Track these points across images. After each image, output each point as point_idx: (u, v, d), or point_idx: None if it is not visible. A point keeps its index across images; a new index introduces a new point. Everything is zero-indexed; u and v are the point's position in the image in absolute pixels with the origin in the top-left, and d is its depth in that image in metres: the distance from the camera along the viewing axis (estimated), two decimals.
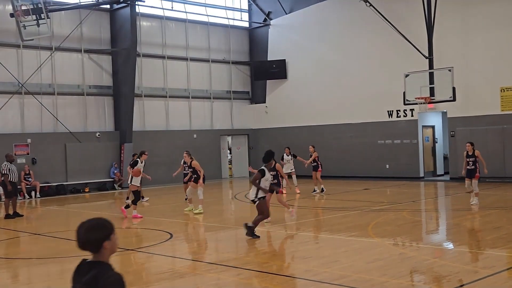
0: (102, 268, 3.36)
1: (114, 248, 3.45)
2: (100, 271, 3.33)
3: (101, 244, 3.39)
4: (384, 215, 15.35)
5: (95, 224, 3.43)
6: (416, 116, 25.85)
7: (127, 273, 9.63)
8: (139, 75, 28.24)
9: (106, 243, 3.40)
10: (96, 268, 3.35)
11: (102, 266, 3.37)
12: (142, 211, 16.62)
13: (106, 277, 3.31)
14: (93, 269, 3.34)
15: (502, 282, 8.02)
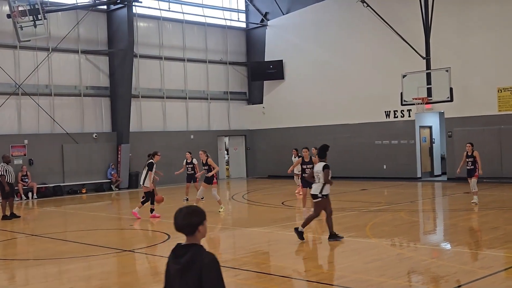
0: (197, 249, 3.68)
1: (205, 233, 3.79)
2: (196, 252, 3.65)
3: (197, 228, 3.73)
4: (381, 215, 15.35)
5: (193, 211, 3.78)
6: (413, 116, 25.87)
7: (124, 274, 9.62)
8: (136, 76, 28.20)
9: (200, 227, 3.74)
10: (191, 250, 3.67)
11: (196, 248, 3.70)
12: (141, 211, 16.56)
13: (202, 257, 3.63)
14: (189, 251, 3.67)
15: (499, 283, 8.02)
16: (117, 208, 21.51)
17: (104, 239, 13.23)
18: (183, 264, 3.63)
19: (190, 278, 3.60)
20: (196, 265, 3.60)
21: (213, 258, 3.63)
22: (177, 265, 3.67)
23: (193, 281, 3.59)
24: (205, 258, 3.63)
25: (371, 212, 15.99)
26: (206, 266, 3.59)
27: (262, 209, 18.11)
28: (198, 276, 3.57)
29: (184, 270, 3.62)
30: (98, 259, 10.72)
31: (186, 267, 3.61)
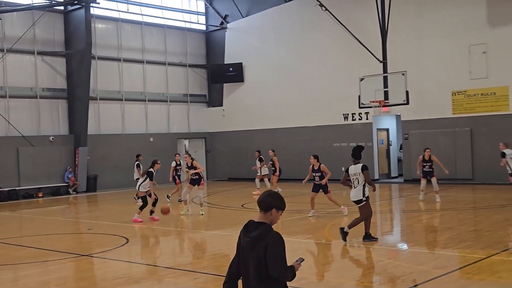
0: (266, 227, 4.29)
1: (275, 219, 4.41)
2: (265, 230, 4.27)
3: (271, 209, 4.35)
4: (340, 217, 15.53)
5: (277, 195, 4.43)
6: (371, 119, 26.28)
7: (82, 279, 9.49)
8: (94, 78, 27.85)
9: (274, 210, 4.35)
10: (261, 227, 4.29)
11: (266, 226, 4.31)
12: (110, 214, 16.36)
13: (269, 235, 4.25)
14: (259, 228, 4.29)
15: (453, 282, 8.23)
16: (74, 212, 21.19)
17: (61, 243, 13.03)
18: (252, 238, 4.26)
19: (257, 251, 4.22)
20: (263, 241, 4.21)
21: (278, 237, 4.26)
22: (247, 238, 4.32)
23: (260, 254, 4.20)
24: (272, 236, 4.25)
25: (330, 214, 16.17)
26: (271, 243, 4.21)
27: (222, 212, 18.12)
28: (264, 250, 4.18)
29: (252, 244, 4.25)
30: (55, 264, 10.56)
31: (254, 241, 4.25)
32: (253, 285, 4.27)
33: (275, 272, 4.21)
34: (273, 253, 4.19)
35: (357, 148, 11.53)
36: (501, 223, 13.26)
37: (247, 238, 4.29)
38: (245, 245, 4.31)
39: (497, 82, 22.66)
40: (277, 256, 4.20)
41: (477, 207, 17.11)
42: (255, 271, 4.24)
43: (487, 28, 22.95)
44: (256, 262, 4.23)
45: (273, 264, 4.19)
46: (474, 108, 23.33)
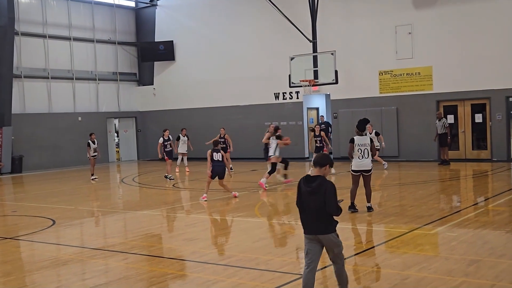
0: (322, 179, 5.96)
1: (327, 173, 6.07)
2: (322, 180, 5.94)
3: (325, 165, 6.04)
4: (270, 195, 15.73)
5: (327, 156, 6.19)
6: (301, 98, 26.61)
7: (5, 262, 9.22)
8: (18, 54, 26.80)
9: (327, 166, 6.05)
10: (319, 179, 5.94)
11: (322, 178, 5.97)
12: (36, 196, 15.87)
13: (326, 184, 5.91)
14: (317, 180, 5.94)
15: (378, 255, 8.52)
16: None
17: None
18: (313, 187, 5.90)
19: (318, 196, 5.87)
20: (322, 188, 5.87)
21: (332, 185, 5.93)
22: (308, 188, 5.92)
23: (320, 197, 5.86)
24: (328, 184, 5.92)
25: (260, 192, 16.33)
26: (328, 189, 5.88)
27: (152, 191, 17.97)
28: (323, 195, 5.86)
29: (313, 191, 5.89)
30: None
31: (315, 189, 5.89)
32: (314, 218, 5.94)
33: (331, 209, 5.88)
34: (330, 196, 5.86)
35: (363, 121, 12.04)
36: (424, 198, 13.79)
37: (308, 188, 5.91)
38: (307, 193, 5.93)
39: (421, 62, 23.39)
40: (332, 198, 5.88)
41: (402, 183, 17.70)
42: (315, 209, 5.90)
43: (412, 9, 23.58)
44: (317, 203, 5.87)
45: (330, 203, 5.85)
46: (400, 88, 24.01)
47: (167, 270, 8.13)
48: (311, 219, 5.95)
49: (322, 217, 5.90)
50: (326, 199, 5.83)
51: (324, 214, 5.89)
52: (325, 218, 5.92)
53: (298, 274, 7.49)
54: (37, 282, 7.84)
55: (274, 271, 7.64)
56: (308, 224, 6.00)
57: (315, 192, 5.87)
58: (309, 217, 5.98)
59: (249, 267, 7.89)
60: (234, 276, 7.49)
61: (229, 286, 7.04)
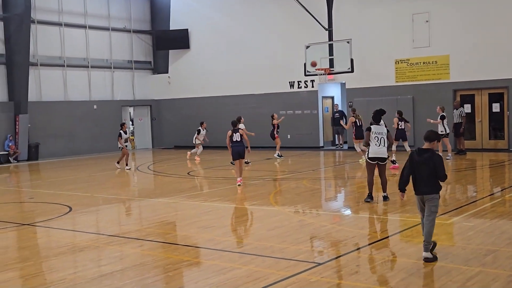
0: (432, 151, 7.44)
1: (435, 147, 7.57)
2: (432, 153, 7.41)
3: (434, 141, 7.48)
4: (285, 184, 15.72)
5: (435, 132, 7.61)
6: (316, 87, 26.49)
7: (23, 248, 9.31)
8: (34, 42, 26.93)
9: (435, 142, 7.52)
10: (429, 152, 7.42)
11: (432, 151, 7.45)
12: (52, 183, 15.99)
13: (435, 155, 7.39)
14: (428, 152, 7.41)
15: (393, 245, 8.48)
16: (15, 181, 20.65)
17: (1, 213, 12.70)
18: (425, 158, 7.35)
19: (430, 165, 7.30)
20: (433, 159, 7.32)
21: (440, 156, 7.51)
22: (421, 158, 7.38)
23: (431, 166, 7.30)
24: (437, 155, 7.43)
25: (275, 180, 16.33)
26: (437, 160, 7.34)
27: (167, 179, 18.02)
28: (434, 165, 7.29)
29: (425, 162, 7.33)
30: None
31: (427, 160, 7.33)
32: (426, 184, 7.36)
33: (440, 176, 7.33)
34: (440, 165, 7.32)
35: (379, 112, 12.12)
36: None
37: (421, 158, 7.37)
38: (419, 162, 7.37)
39: (438, 51, 23.16)
40: (442, 167, 7.34)
41: None
42: (427, 176, 7.34)
43: None
44: (428, 171, 7.31)
45: (439, 171, 7.30)
46: (416, 77, 23.82)
47: (183, 257, 8.15)
48: (422, 183, 7.40)
49: (431, 182, 7.34)
50: (437, 168, 7.29)
51: (432, 179, 7.34)
52: (433, 183, 7.36)
53: (314, 263, 7.48)
54: (54, 268, 7.91)
55: (289, 259, 7.63)
56: (418, 186, 7.44)
57: (426, 162, 7.32)
58: (420, 182, 7.41)
59: (264, 255, 7.90)
60: (250, 264, 7.49)
61: (245, 274, 7.04)
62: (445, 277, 6.68)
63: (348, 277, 6.87)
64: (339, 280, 6.86)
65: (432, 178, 7.32)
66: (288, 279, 6.77)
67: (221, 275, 7.03)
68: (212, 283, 6.77)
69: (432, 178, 7.32)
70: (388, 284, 6.50)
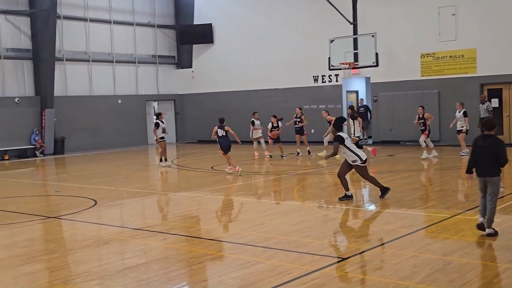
0: (495, 137, 8.07)
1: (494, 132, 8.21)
2: (495, 139, 8.06)
3: (494, 128, 8.21)
4: (308, 178, 15.66)
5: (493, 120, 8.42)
6: (340, 81, 26.32)
7: (49, 241, 9.42)
8: (60, 38, 27.21)
9: (496, 127, 8.25)
10: (492, 137, 8.07)
11: (495, 136, 8.09)
12: (77, 177, 16.15)
13: (498, 141, 8.06)
14: (491, 138, 8.06)
15: (418, 241, 8.38)
16: (42, 174, 20.92)
17: (28, 206, 12.88)
18: (489, 142, 8.04)
19: (493, 149, 7.98)
20: (497, 144, 8.01)
21: (503, 142, 8.15)
22: (485, 143, 8.06)
23: (495, 150, 7.97)
24: (500, 141, 8.08)
25: (299, 175, 16.28)
26: (501, 145, 8.02)
27: (191, 173, 18.08)
28: (497, 150, 7.96)
29: (489, 146, 8.01)
30: (21, 226, 10.44)
31: (491, 144, 8.02)
32: (486, 166, 8.07)
33: (503, 160, 8.00)
34: (503, 150, 7.99)
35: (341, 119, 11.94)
36: (466, 183, 13.51)
37: (485, 143, 8.06)
38: (484, 147, 8.07)
39: (465, 44, 22.82)
40: (504, 151, 8.00)
41: (443, 168, 17.38)
42: (490, 160, 8.02)
43: None
44: (492, 155, 7.99)
45: (502, 156, 7.97)
46: (442, 71, 23.51)
47: (207, 251, 8.17)
48: (484, 166, 8.10)
49: (493, 165, 8.03)
50: (500, 152, 7.97)
51: (494, 163, 8.02)
52: (495, 166, 8.04)
53: (338, 257, 7.43)
54: (79, 260, 7.98)
55: (313, 254, 7.59)
56: (481, 169, 8.15)
57: (490, 146, 8.02)
58: (482, 165, 8.12)
59: (288, 250, 7.87)
60: (273, 258, 7.47)
61: (268, 268, 7.02)
62: (471, 273, 6.58)
63: (373, 273, 6.81)
64: (363, 275, 6.80)
65: (493, 161, 8.00)
66: (312, 273, 6.73)
67: (245, 269, 7.03)
68: (235, 276, 6.76)
69: (493, 162, 8.00)
70: (413, 280, 6.42)
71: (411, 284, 6.29)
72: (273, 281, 6.52)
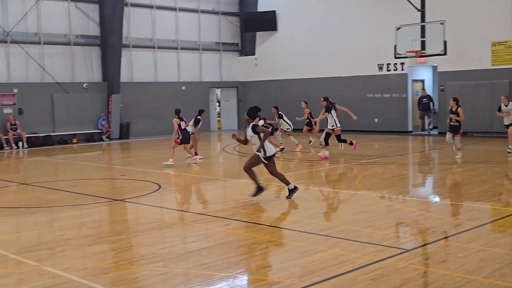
0: None
1: None
2: None
3: None
4: (371, 168, 15.45)
5: None
6: (406, 70, 25.75)
7: (115, 222, 9.68)
8: (127, 25, 27.79)
9: None
10: None
11: None
12: (142, 161, 16.54)
13: None
14: None
15: (486, 234, 8.13)
16: (108, 158, 21.51)
17: (95, 188, 13.26)
18: None
19: None
20: None
21: None
22: None
23: None
24: None
25: (361, 165, 16.08)
26: None
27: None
28: None
29: None
30: (89, 208, 10.77)
31: None
32: None
33: None
34: None
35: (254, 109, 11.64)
36: None
37: None
38: None
39: None
40: None
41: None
42: None
43: None
44: None
45: None
46: None
47: (269, 237, 8.18)
48: None
49: None
50: None
51: None
52: None
53: (401, 249, 7.30)
54: (144, 242, 8.15)
55: (376, 244, 7.48)
56: None
57: None
58: None
59: (350, 239, 7.79)
60: (336, 247, 7.41)
61: (331, 257, 6.97)
62: None
63: (437, 265, 6.65)
64: (427, 267, 6.65)
65: None
66: (375, 264, 6.64)
67: (307, 257, 7.00)
68: (297, 264, 6.74)
69: None
70: (480, 274, 6.23)
71: (478, 278, 6.11)
72: (336, 269, 6.47)
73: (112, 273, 6.69)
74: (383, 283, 6.06)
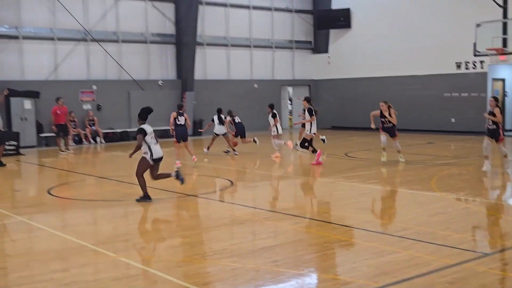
0: None
1: None
2: None
3: None
4: (447, 169, 14.98)
5: None
6: (486, 68, 24.79)
7: (188, 218, 9.81)
8: (201, 23, 28.18)
9: None
10: None
11: None
12: (216, 158, 16.70)
13: None
14: None
15: None
16: (181, 154, 21.83)
17: (168, 183, 13.47)
18: None
19: None
20: None
21: None
22: None
23: None
24: None
25: (437, 165, 15.63)
26: None
27: (325, 159, 17.98)
28: None
29: None
30: (162, 202, 10.98)
31: None
32: None
33: None
34: None
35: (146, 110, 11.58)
36: None
37: None
38: None
39: None
40: None
41: None
42: None
43: None
44: None
45: None
46: None
47: (341, 236, 8.07)
48: None
49: None
50: None
51: None
52: None
53: (479, 252, 7.02)
54: (216, 238, 8.22)
55: (452, 247, 7.23)
56: None
57: None
58: None
59: (426, 241, 7.55)
60: (410, 249, 7.21)
61: (405, 258, 6.79)
62: None
63: None
64: (507, 273, 6.36)
65: None
66: (453, 267, 6.41)
67: (380, 258, 6.85)
68: (370, 264, 6.61)
69: None
70: None
71: None
72: (411, 271, 6.29)
73: (185, 267, 6.78)
74: (461, 287, 5.84)
